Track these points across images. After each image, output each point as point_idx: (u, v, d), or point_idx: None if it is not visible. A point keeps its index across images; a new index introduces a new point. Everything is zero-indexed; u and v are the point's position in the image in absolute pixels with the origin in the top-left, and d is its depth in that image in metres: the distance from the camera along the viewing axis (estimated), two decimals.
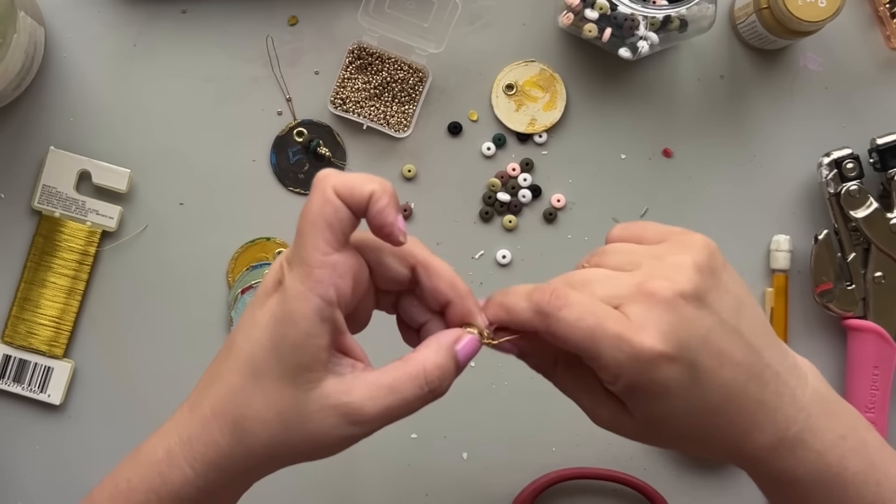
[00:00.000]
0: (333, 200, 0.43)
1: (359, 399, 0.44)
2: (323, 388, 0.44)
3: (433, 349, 0.46)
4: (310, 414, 0.44)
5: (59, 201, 0.71)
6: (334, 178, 0.44)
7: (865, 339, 0.70)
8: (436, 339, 0.47)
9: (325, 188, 0.44)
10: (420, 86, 0.72)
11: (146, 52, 0.72)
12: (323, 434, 0.45)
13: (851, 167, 0.70)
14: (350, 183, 0.44)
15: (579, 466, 0.71)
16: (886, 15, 0.72)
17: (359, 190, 0.44)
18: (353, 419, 0.44)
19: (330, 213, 0.43)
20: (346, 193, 0.43)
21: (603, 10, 0.67)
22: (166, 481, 0.47)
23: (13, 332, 0.71)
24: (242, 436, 0.45)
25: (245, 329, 0.46)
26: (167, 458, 0.47)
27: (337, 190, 0.43)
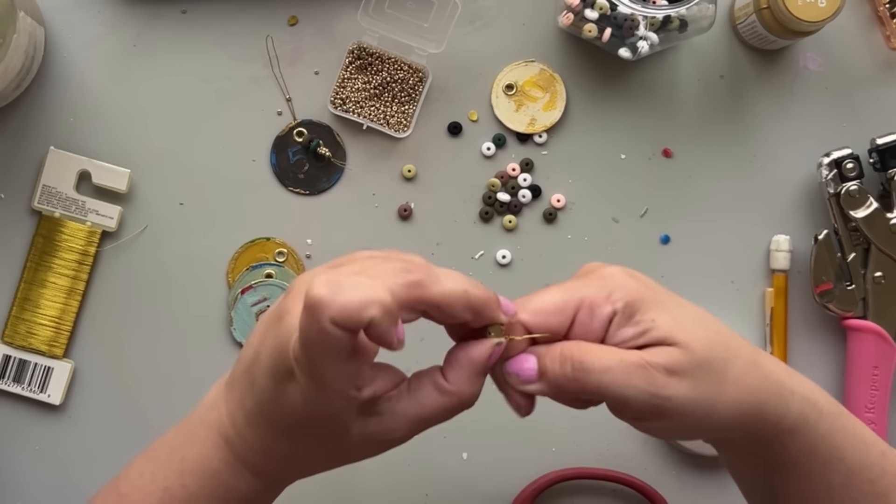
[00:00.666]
0: (334, 333, 0.40)
1: (401, 434, 0.46)
2: (364, 434, 0.46)
3: (467, 379, 0.47)
4: (356, 453, 0.48)
5: (59, 201, 0.71)
6: (331, 308, 0.40)
7: (865, 339, 0.70)
8: (468, 363, 0.47)
9: (321, 319, 0.40)
10: (420, 86, 0.72)
11: (146, 53, 0.72)
12: (368, 457, 0.48)
13: (851, 167, 0.70)
14: (347, 312, 0.40)
15: (579, 466, 0.71)
16: (886, 15, 0.72)
17: (357, 319, 0.40)
18: (394, 444, 0.47)
19: (332, 343, 0.41)
20: (345, 324, 0.40)
21: (603, 10, 0.67)
22: (232, 489, 0.49)
23: (13, 332, 0.71)
24: (299, 470, 0.50)
25: (269, 403, 0.46)
26: (228, 469, 0.49)
27: (335, 321, 0.40)
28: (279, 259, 0.72)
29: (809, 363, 0.73)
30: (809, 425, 0.49)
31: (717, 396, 0.46)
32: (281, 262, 0.72)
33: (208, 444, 0.49)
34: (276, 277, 0.71)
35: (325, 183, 0.72)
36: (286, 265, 0.72)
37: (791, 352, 0.72)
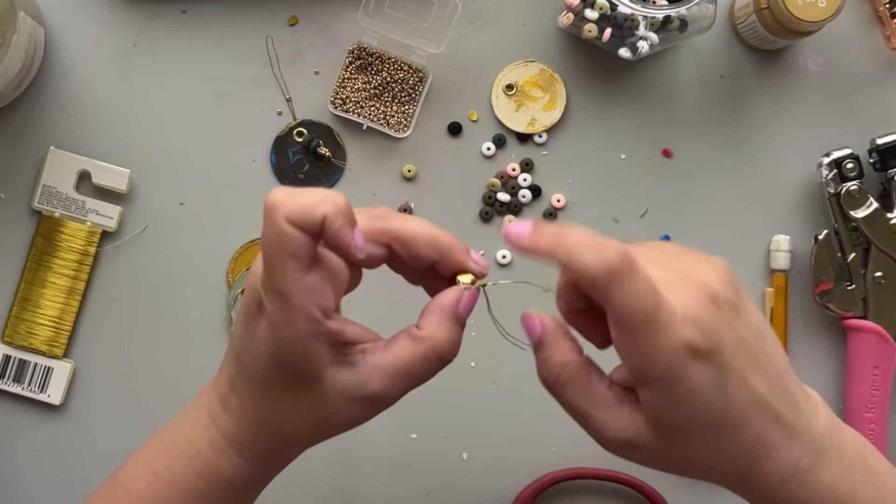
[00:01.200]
0: (289, 231, 0.42)
1: (377, 387, 0.46)
2: (338, 385, 0.46)
3: (437, 322, 0.47)
4: (335, 410, 0.46)
5: (59, 201, 0.71)
6: (285, 207, 0.42)
7: (865, 339, 0.70)
8: (438, 308, 0.47)
9: (276, 219, 0.42)
10: (420, 86, 0.72)
11: (146, 53, 0.72)
12: (352, 419, 0.47)
13: (851, 167, 0.70)
14: (301, 209, 0.42)
15: (579, 466, 0.72)
16: (886, 15, 0.72)
17: (311, 215, 0.42)
18: (375, 403, 0.46)
19: (289, 243, 0.42)
20: (300, 221, 0.42)
21: (603, 10, 0.67)
22: (215, 470, 0.49)
23: (13, 332, 0.71)
24: (280, 436, 0.48)
25: (245, 348, 0.47)
26: (212, 448, 0.49)
27: (290, 219, 0.42)
28: None
29: (809, 363, 0.73)
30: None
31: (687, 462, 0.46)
32: None
33: (197, 426, 0.50)
34: None
35: (325, 183, 0.72)
36: None
37: (791, 352, 0.72)
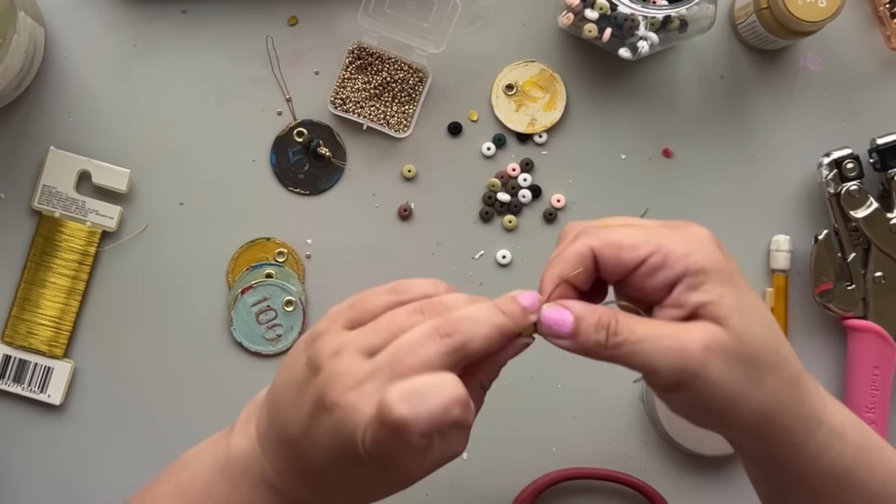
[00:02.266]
0: (422, 443, 0.42)
1: (458, 450, 0.48)
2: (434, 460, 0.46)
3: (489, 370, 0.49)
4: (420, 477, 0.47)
5: (59, 201, 0.71)
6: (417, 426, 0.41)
7: (865, 339, 0.70)
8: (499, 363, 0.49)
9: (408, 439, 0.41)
10: (420, 86, 0.72)
11: (146, 53, 0.72)
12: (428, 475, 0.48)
13: (851, 167, 0.70)
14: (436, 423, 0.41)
15: (579, 466, 0.71)
16: (886, 15, 0.72)
17: (445, 424, 0.42)
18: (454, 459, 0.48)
19: (420, 449, 0.43)
20: (434, 433, 0.42)
21: (603, 10, 0.67)
22: None
23: (13, 332, 0.71)
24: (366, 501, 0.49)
25: (339, 477, 0.46)
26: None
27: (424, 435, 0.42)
28: (279, 259, 0.72)
29: (809, 363, 0.73)
30: (832, 456, 0.48)
31: (746, 393, 0.46)
32: (281, 262, 0.72)
33: (256, 495, 0.49)
34: (276, 277, 0.71)
35: (325, 183, 0.72)
36: (286, 265, 0.72)
37: None
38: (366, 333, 0.45)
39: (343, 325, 0.46)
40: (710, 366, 0.44)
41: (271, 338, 0.71)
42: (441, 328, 0.44)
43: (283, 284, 0.71)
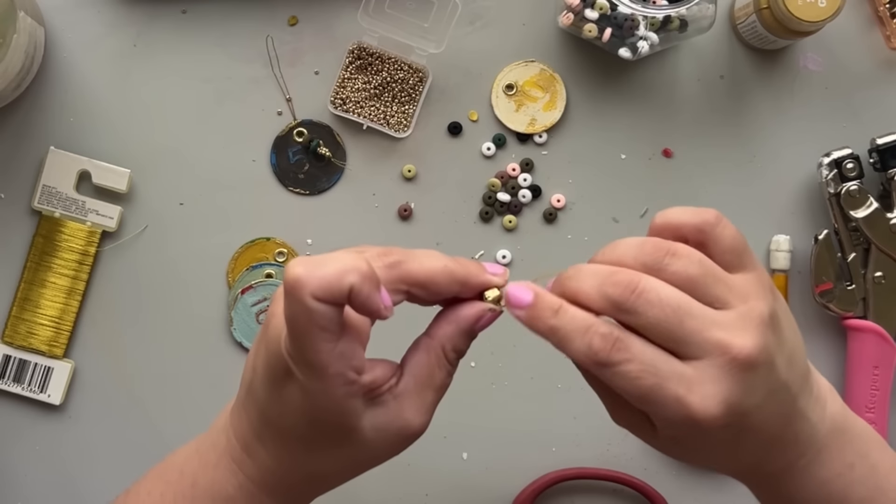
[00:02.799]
0: (317, 307, 0.40)
1: (413, 418, 0.46)
2: (377, 427, 0.45)
3: (449, 331, 0.46)
4: (375, 450, 0.46)
5: (59, 201, 0.71)
6: (310, 283, 0.40)
7: (865, 339, 0.70)
8: (455, 319, 0.47)
9: (302, 297, 0.40)
10: (420, 86, 0.72)
11: (146, 53, 0.72)
12: (393, 452, 0.47)
13: (851, 167, 0.70)
14: (328, 283, 0.40)
15: (579, 466, 0.71)
16: (886, 15, 0.72)
17: (338, 288, 0.40)
18: (415, 434, 0.46)
19: (318, 319, 0.40)
20: (327, 296, 0.40)
21: (603, 10, 0.67)
22: None
23: (13, 332, 0.71)
24: (318, 481, 0.48)
25: (276, 411, 0.46)
26: (242, 493, 0.48)
27: (316, 296, 0.40)
28: (279, 259, 0.72)
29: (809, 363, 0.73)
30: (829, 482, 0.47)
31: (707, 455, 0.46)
32: (281, 262, 0.72)
33: (220, 469, 0.49)
34: (276, 277, 0.71)
35: (325, 183, 0.72)
36: (286, 265, 0.71)
37: None
38: None
39: None
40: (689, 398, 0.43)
41: None
42: (384, 251, 0.44)
43: None
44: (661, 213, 0.45)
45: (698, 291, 0.43)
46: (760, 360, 0.42)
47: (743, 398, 0.42)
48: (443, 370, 0.47)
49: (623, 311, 0.42)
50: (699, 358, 0.42)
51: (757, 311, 0.43)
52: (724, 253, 0.44)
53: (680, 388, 0.42)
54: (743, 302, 0.43)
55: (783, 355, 0.44)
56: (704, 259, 0.43)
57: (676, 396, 0.42)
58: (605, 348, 0.42)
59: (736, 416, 0.42)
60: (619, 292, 0.42)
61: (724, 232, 0.44)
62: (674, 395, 0.42)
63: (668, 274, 0.43)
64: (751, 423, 0.43)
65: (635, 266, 0.43)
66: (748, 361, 0.42)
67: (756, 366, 0.42)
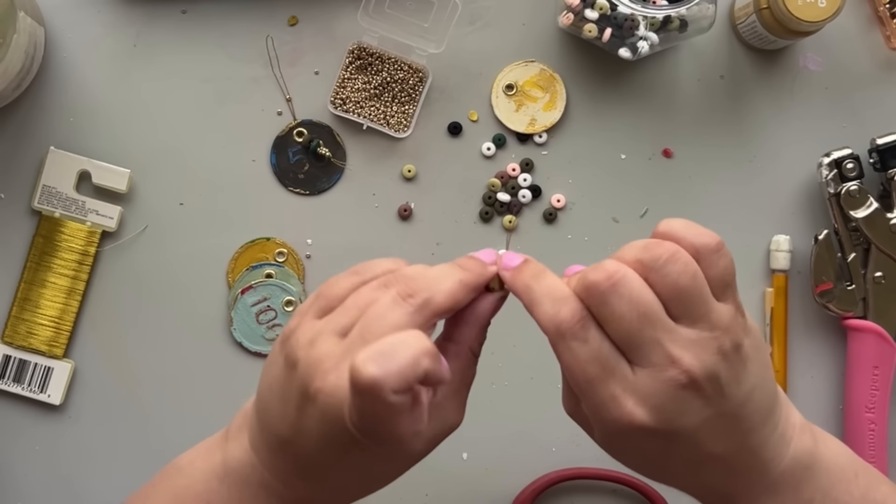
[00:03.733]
0: (398, 400, 0.41)
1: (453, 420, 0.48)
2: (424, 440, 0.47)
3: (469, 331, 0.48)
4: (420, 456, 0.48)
5: (59, 201, 0.71)
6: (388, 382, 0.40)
7: (865, 339, 0.70)
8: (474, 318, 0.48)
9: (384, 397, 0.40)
10: (420, 86, 0.72)
11: (146, 53, 0.72)
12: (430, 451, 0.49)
13: (851, 167, 0.70)
14: (405, 378, 0.40)
15: (579, 466, 0.71)
16: (886, 15, 0.72)
17: (415, 377, 0.41)
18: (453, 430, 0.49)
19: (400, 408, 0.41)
20: (406, 388, 0.41)
21: (603, 11, 0.67)
22: None
23: (13, 333, 0.71)
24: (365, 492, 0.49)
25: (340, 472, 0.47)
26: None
27: (396, 391, 0.40)
28: (279, 259, 0.72)
29: (809, 363, 0.73)
30: None
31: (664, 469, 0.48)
32: (281, 262, 0.72)
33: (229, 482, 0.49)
34: (276, 277, 0.71)
35: (325, 183, 0.72)
36: (286, 265, 0.72)
37: (791, 352, 0.72)
38: (335, 317, 0.46)
39: (313, 316, 0.47)
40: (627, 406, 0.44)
41: (271, 338, 0.71)
42: (403, 291, 0.45)
43: (283, 284, 0.71)
44: (667, 222, 0.45)
45: (678, 301, 0.43)
46: (705, 385, 0.43)
47: (675, 416, 0.43)
48: (472, 368, 0.49)
49: (593, 296, 0.43)
50: (645, 367, 0.43)
51: (722, 340, 0.43)
52: (712, 280, 0.44)
53: (618, 388, 0.43)
54: (712, 329, 0.43)
55: (740, 389, 0.44)
56: (699, 274, 0.44)
57: (612, 395, 0.43)
58: (568, 321, 0.43)
59: (664, 431, 0.43)
60: (596, 277, 0.43)
61: (720, 261, 0.45)
62: (610, 393, 0.43)
63: (660, 275, 0.43)
64: (683, 441, 0.44)
65: (631, 262, 0.44)
66: (690, 382, 0.43)
67: (698, 389, 0.43)
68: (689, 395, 0.43)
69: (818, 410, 0.73)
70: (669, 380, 0.43)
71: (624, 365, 0.43)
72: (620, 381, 0.43)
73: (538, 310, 0.45)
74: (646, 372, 0.43)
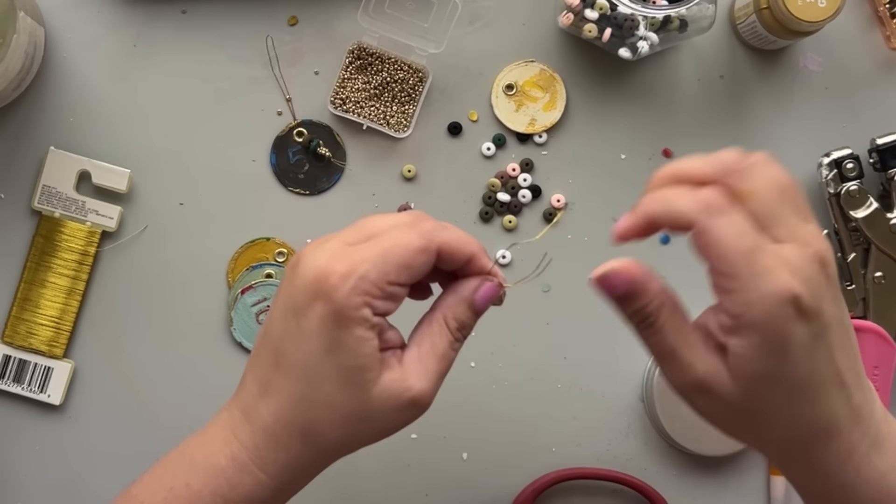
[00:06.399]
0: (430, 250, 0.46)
1: (415, 383, 0.47)
2: (382, 384, 0.47)
3: (452, 302, 0.49)
4: (374, 410, 0.47)
5: (59, 201, 0.71)
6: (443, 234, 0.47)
7: (865, 339, 0.70)
8: (455, 290, 0.49)
9: (430, 238, 0.46)
10: (420, 86, 0.72)
11: (146, 53, 0.72)
12: (391, 423, 0.48)
13: (851, 167, 0.70)
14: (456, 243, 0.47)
15: (579, 466, 0.71)
16: (886, 15, 0.72)
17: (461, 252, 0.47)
18: (416, 402, 0.47)
19: (420, 261, 0.46)
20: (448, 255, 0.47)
21: (603, 10, 0.67)
22: (235, 485, 0.48)
23: (13, 333, 0.71)
24: (312, 440, 0.48)
25: (292, 339, 0.47)
26: (233, 464, 0.48)
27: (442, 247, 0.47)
28: (279, 259, 0.72)
29: None
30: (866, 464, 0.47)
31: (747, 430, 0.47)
32: (281, 262, 0.72)
33: (216, 441, 0.49)
34: (276, 277, 0.71)
35: (325, 183, 0.72)
36: (286, 265, 0.72)
37: None
38: (341, 234, 0.49)
39: None
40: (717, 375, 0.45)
41: None
42: (411, 223, 0.48)
43: None
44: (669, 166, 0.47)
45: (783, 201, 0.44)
46: (832, 274, 0.43)
47: (821, 294, 0.43)
48: (444, 339, 0.48)
49: (734, 172, 0.44)
50: (788, 242, 0.43)
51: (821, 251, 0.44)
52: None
53: (772, 259, 0.42)
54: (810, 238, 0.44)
55: (839, 292, 0.45)
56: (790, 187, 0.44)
57: (768, 266, 0.42)
58: (716, 199, 0.43)
59: (814, 311, 0.42)
60: (733, 157, 0.45)
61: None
62: (765, 265, 0.42)
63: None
64: (825, 334, 0.43)
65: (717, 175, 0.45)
66: (823, 264, 0.43)
67: (828, 276, 0.43)
68: (825, 278, 0.43)
69: None
70: (813, 255, 0.43)
71: (769, 241, 0.43)
72: (772, 254, 0.42)
73: (679, 205, 0.44)
74: (790, 247, 0.43)
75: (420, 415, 0.48)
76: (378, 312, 0.46)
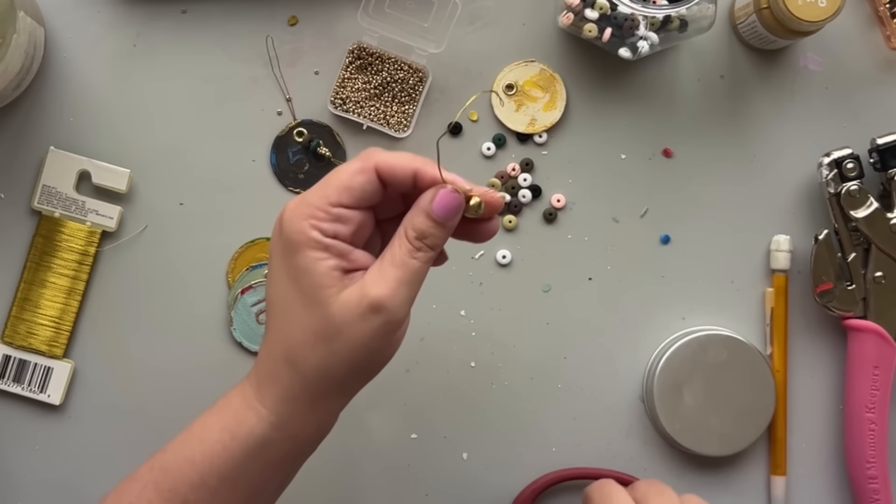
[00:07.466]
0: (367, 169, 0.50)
1: (372, 289, 0.49)
2: (343, 297, 0.49)
3: (411, 213, 0.51)
4: (339, 323, 0.49)
5: (59, 201, 0.71)
6: (381, 154, 0.51)
7: (865, 339, 0.70)
8: (414, 203, 0.51)
9: (367, 159, 0.50)
10: (420, 86, 0.72)
11: (146, 53, 0.72)
12: (360, 336, 0.49)
13: (851, 167, 0.70)
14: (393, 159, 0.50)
15: (579, 466, 0.71)
16: (886, 15, 0.72)
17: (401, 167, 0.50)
18: (376, 306, 0.48)
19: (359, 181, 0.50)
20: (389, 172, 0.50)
21: (603, 10, 0.67)
22: (241, 421, 0.51)
23: (13, 332, 0.71)
24: (295, 365, 0.50)
25: (271, 283, 0.51)
26: (242, 401, 0.52)
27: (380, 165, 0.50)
28: None
29: (809, 363, 0.73)
30: None
31: None
32: None
33: (236, 387, 0.54)
34: None
35: None
36: None
37: (791, 352, 0.72)
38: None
39: None
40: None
41: None
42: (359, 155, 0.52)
43: None
44: None
45: None
46: None
47: None
48: (403, 248, 0.50)
49: None
50: None
51: None
52: None
53: None
54: None
55: None
56: None
57: None
58: None
59: None
60: None
61: None
62: None
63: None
64: None
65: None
66: None
67: None
68: None
69: (818, 410, 0.73)
70: None
71: None
72: None
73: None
74: None
75: (392, 326, 0.49)
76: (328, 234, 0.49)
